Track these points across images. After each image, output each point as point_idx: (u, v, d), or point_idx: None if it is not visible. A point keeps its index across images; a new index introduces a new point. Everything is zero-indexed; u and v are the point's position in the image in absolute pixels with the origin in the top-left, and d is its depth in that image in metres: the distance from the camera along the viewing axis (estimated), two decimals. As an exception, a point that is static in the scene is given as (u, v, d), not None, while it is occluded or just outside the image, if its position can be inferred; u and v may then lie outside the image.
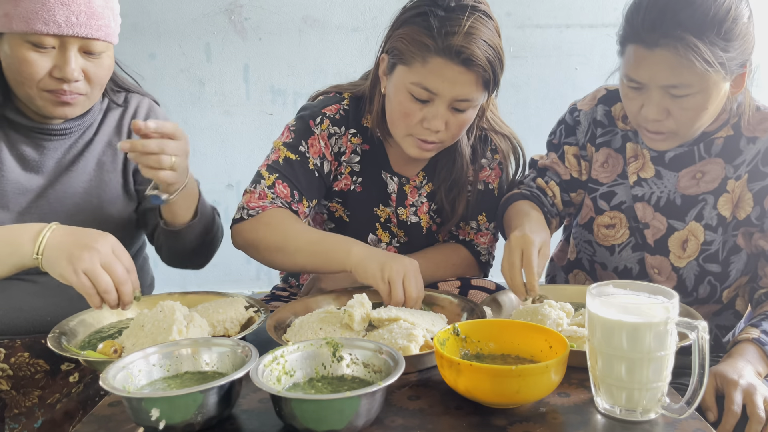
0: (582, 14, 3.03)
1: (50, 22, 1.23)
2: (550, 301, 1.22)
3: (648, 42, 1.21)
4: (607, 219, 1.48)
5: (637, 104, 1.30)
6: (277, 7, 2.99)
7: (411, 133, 1.40)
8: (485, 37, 1.31)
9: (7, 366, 1.32)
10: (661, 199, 1.42)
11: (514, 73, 3.04)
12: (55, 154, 1.39)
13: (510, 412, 0.94)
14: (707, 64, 1.18)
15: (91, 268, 1.09)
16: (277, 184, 1.43)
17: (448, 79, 1.31)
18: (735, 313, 1.46)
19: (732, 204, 1.37)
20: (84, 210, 1.41)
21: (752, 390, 1.13)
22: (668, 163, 1.41)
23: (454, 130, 1.39)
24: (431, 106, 1.35)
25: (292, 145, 1.47)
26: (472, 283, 1.45)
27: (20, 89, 1.30)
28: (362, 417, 0.87)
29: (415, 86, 1.34)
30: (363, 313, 1.16)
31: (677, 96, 1.24)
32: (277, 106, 3.08)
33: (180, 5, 2.95)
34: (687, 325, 0.88)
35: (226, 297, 1.31)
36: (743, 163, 1.36)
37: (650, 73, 1.23)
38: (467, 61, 1.29)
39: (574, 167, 1.51)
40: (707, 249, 1.39)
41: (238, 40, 3.01)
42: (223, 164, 3.09)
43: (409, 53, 1.33)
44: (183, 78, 3.02)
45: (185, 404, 0.87)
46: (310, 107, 1.52)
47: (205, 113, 3.06)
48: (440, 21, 1.30)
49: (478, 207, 1.56)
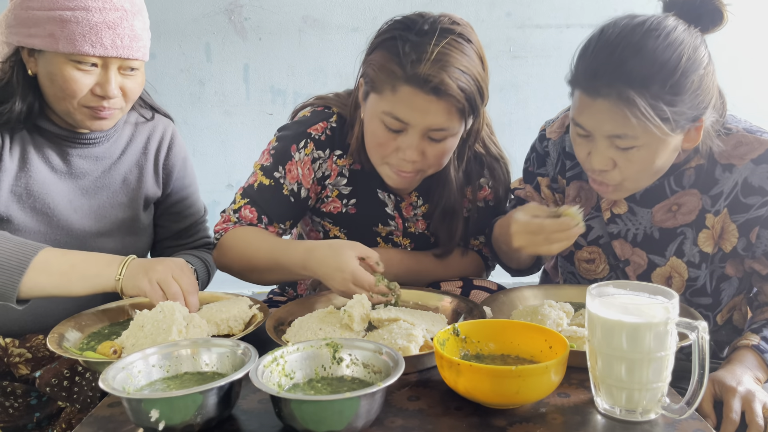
0: (582, 14, 3.03)
1: (97, 44, 1.27)
2: (550, 301, 1.22)
3: (589, 90, 1.15)
4: (586, 254, 1.44)
5: (584, 150, 1.23)
6: (277, 7, 2.99)
7: (387, 162, 1.35)
8: (459, 64, 1.23)
9: (25, 350, 1.36)
10: (638, 235, 1.36)
11: (514, 73, 3.04)
12: (81, 162, 1.43)
13: (510, 413, 0.94)
14: (646, 119, 1.11)
15: (164, 278, 1.21)
16: (244, 208, 1.42)
17: (419, 108, 1.25)
18: (734, 329, 1.43)
19: (713, 240, 1.31)
20: (104, 218, 1.46)
21: (751, 397, 1.11)
22: (639, 199, 1.34)
23: (433, 160, 1.33)
24: (405, 136, 1.29)
25: (268, 170, 1.43)
26: (475, 284, 1.45)
27: (60, 104, 1.34)
28: (362, 418, 0.86)
29: (387, 116, 1.28)
30: (363, 313, 1.16)
31: (622, 148, 1.17)
32: (277, 106, 3.08)
33: (180, 5, 2.95)
34: (687, 325, 0.88)
35: (230, 297, 1.31)
36: (721, 195, 1.28)
37: (593, 121, 1.17)
38: (436, 89, 1.22)
39: (549, 198, 1.48)
40: (693, 285, 1.35)
41: (238, 40, 3.01)
42: (222, 164, 3.09)
43: (380, 81, 1.27)
44: (183, 78, 3.02)
45: (185, 405, 0.86)
46: (295, 127, 1.45)
47: (205, 113, 3.06)
48: (410, 47, 1.24)
49: (483, 223, 1.53)
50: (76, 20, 1.26)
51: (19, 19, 1.30)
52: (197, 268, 1.50)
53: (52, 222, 1.39)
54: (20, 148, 1.37)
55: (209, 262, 1.56)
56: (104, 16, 1.27)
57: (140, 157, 1.52)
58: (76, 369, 1.28)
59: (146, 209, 1.54)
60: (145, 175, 1.52)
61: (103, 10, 1.27)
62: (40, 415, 1.34)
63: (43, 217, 1.38)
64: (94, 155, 1.44)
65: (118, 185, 1.48)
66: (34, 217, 1.37)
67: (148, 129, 1.54)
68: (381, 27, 1.33)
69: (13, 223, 1.35)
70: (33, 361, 1.36)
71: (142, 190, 1.52)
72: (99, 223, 1.45)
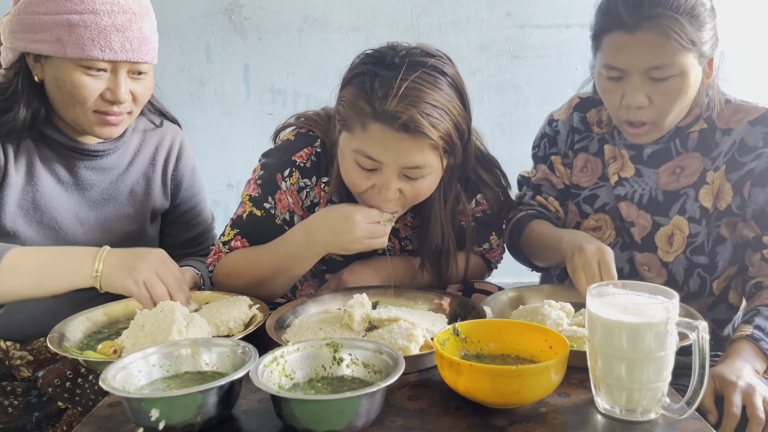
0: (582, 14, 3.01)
1: (106, 48, 1.25)
2: (550, 301, 1.22)
3: (629, 25, 1.25)
4: (593, 222, 1.50)
5: (617, 96, 1.32)
6: (277, 7, 2.99)
7: (366, 201, 1.29)
8: (430, 98, 1.17)
9: (26, 353, 1.35)
10: (644, 197, 1.44)
11: (514, 73, 3.04)
12: (88, 173, 1.41)
13: (510, 413, 0.94)
14: (688, 42, 1.24)
15: (149, 278, 1.19)
16: (235, 240, 1.40)
17: (390, 147, 1.19)
18: (729, 306, 1.48)
19: (713, 195, 1.40)
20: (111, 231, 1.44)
21: (751, 391, 1.12)
22: (647, 160, 1.44)
23: (411, 199, 1.28)
24: (380, 174, 1.23)
25: (257, 201, 1.40)
26: (476, 286, 1.44)
27: (68, 111, 1.31)
28: (362, 417, 0.87)
29: (358, 154, 1.22)
30: (363, 313, 1.16)
31: (658, 79, 1.27)
32: (277, 106, 3.08)
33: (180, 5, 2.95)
34: (687, 325, 0.88)
35: (231, 297, 1.31)
36: (720, 155, 1.40)
37: (632, 57, 1.27)
38: (406, 126, 1.16)
39: (564, 175, 1.54)
40: (693, 241, 1.42)
41: (238, 40, 3.01)
42: (223, 164, 3.08)
43: (350, 118, 1.22)
44: (183, 78, 3.02)
45: (185, 405, 0.87)
46: (278, 154, 1.41)
47: (205, 113, 3.06)
48: (378, 82, 1.19)
49: (485, 231, 1.51)
50: (84, 24, 1.23)
51: (24, 24, 1.26)
52: (203, 274, 1.48)
53: (59, 236, 1.37)
54: (26, 159, 1.35)
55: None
56: (113, 20, 1.25)
57: (148, 168, 1.49)
58: (78, 370, 1.28)
59: (153, 221, 1.52)
60: (153, 187, 1.50)
61: (112, 13, 1.25)
62: (39, 414, 1.34)
63: (50, 231, 1.36)
64: (101, 166, 1.42)
65: (125, 197, 1.46)
66: (40, 231, 1.35)
67: (157, 138, 1.52)
68: (353, 61, 1.29)
69: (20, 237, 1.34)
70: (35, 364, 1.35)
71: (150, 203, 1.49)
72: (105, 235, 1.43)
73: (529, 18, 3.02)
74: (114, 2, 1.26)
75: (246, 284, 1.36)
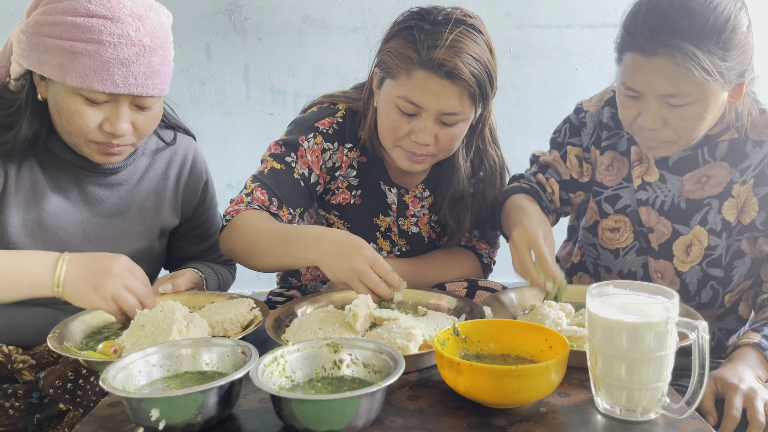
0: (582, 14, 3.03)
1: (108, 81, 1.20)
2: (551, 302, 1.22)
3: (646, 50, 1.19)
4: (612, 222, 1.47)
5: (633, 113, 1.28)
6: (277, 7, 2.99)
7: (399, 145, 1.39)
8: (471, 51, 1.30)
9: (29, 356, 1.33)
10: (666, 203, 1.40)
11: (514, 73, 3.04)
12: (96, 189, 1.38)
13: (510, 412, 0.94)
14: (706, 73, 1.16)
15: (117, 293, 1.16)
16: (255, 190, 1.41)
17: (433, 92, 1.30)
18: (738, 318, 1.45)
19: (737, 209, 1.36)
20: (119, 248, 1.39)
21: (752, 394, 1.12)
22: (672, 167, 1.39)
23: (445, 144, 1.38)
24: (418, 120, 1.34)
25: (279, 156, 1.45)
26: (480, 285, 1.45)
27: (67, 137, 1.29)
28: (362, 417, 0.87)
29: (401, 99, 1.33)
30: (367, 313, 1.16)
31: (675, 105, 1.22)
32: (277, 106, 3.08)
33: (180, 5, 2.94)
34: (687, 325, 0.88)
35: (233, 298, 1.31)
36: (749, 168, 1.34)
37: (648, 82, 1.21)
38: (450, 74, 1.28)
39: (574, 168, 1.51)
40: (711, 254, 1.38)
41: (238, 40, 3.01)
42: (223, 164, 3.08)
43: (395, 67, 1.33)
44: (183, 78, 3.02)
45: (185, 404, 0.87)
46: (301, 122, 1.49)
47: (205, 113, 3.06)
48: (425, 34, 1.30)
49: (479, 217, 1.56)
50: (87, 53, 1.19)
51: (30, 43, 1.23)
52: (207, 277, 1.46)
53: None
54: (29, 179, 1.32)
55: (224, 277, 1.54)
56: (118, 52, 1.19)
57: (159, 183, 1.46)
58: (79, 372, 1.27)
59: (161, 238, 1.50)
60: (163, 204, 1.47)
61: (119, 45, 1.19)
62: (40, 416, 1.33)
63: (56, 250, 1.31)
64: (110, 182, 1.40)
65: (134, 213, 1.43)
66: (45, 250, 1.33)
67: (168, 155, 1.48)
68: (397, 18, 1.39)
69: None
70: (37, 367, 1.34)
71: (159, 220, 1.47)
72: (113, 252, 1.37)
73: (529, 18, 3.02)
74: (123, 35, 1.20)
75: (245, 245, 1.36)
